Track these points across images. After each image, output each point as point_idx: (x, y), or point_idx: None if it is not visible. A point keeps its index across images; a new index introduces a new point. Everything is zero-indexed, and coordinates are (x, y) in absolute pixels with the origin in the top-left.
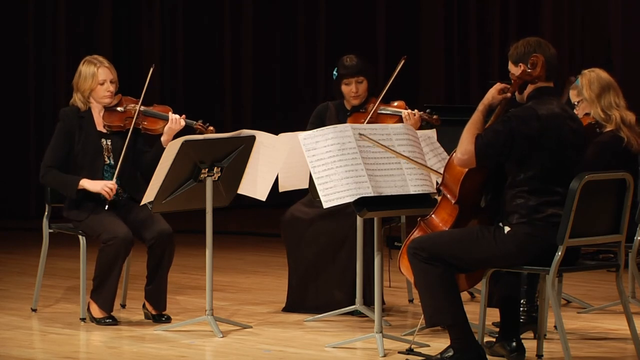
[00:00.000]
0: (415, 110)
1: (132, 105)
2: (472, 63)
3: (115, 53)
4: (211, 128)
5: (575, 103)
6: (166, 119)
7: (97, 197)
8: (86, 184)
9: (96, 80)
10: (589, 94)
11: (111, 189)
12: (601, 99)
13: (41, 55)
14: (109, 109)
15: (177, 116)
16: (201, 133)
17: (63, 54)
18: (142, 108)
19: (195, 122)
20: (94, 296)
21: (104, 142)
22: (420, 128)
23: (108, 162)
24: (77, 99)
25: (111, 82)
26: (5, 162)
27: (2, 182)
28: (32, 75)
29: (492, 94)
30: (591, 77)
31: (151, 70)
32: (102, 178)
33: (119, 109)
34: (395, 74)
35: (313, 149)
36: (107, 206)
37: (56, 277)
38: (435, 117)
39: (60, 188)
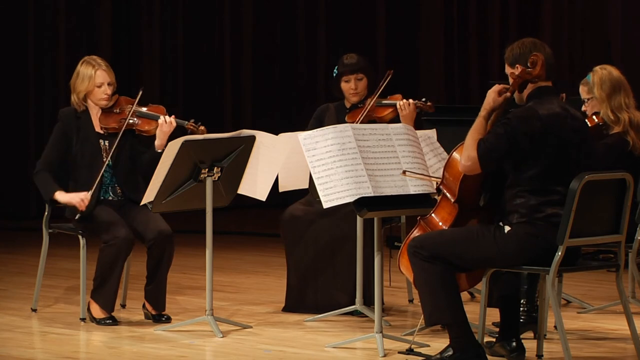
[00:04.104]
0: (410, 100)
1: (128, 106)
2: (472, 63)
3: (115, 53)
4: (202, 128)
5: (585, 100)
6: (157, 120)
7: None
8: (59, 196)
9: (93, 82)
10: (600, 93)
11: (83, 200)
12: (612, 99)
13: (41, 55)
14: (105, 111)
15: (168, 118)
16: (193, 133)
17: (63, 54)
18: (136, 109)
19: (186, 121)
20: (95, 296)
21: (102, 143)
22: (422, 124)
23: (107, 162)
24: (74, 99)
25: (108, 84)
26: (5, 163)
27: (2, 182)
28: (32, 75)
29: (493, 97)
30: (603, 76)
31: (139, 93)
32: (101, 178)
33: (115, 110)
34: (382, 87)
35: (313, 149)
36: (77, 216)
37: (56, 277)
38: (429, 104)
39: (41, 191)
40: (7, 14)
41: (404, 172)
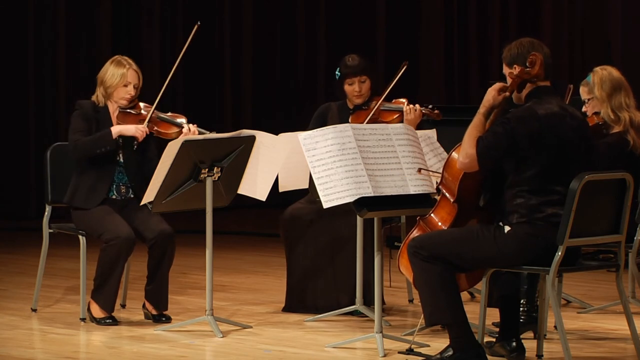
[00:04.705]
0: (417, 105)
1: (146, 107)
2: (472, 63)
3: (115, 53)
4: None
5: (586, 100)
6: (179, 126)
7: (104, 195)
8: (119, 129)
9: (123, 80)
10: (600, 93)
11: (142, 131)
12: (612, 99)
13: (41, 55)
14: (123, 111)
15: (192, 126)
16: None
17: (63, 54)
18: (157, 113)
19: (208, 132)
20: (95, 296)
21: (117, 140)
22: (421, 124)
23: (119, 159)
24: (98, 93)
25: (134, 86)
26: (5, 163)
27: (2, 182)
28: (32, 76)
29: (492, 94)
30: (603, 76)
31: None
32: (113, 175)
33: (133, 111)
34: (396, 79)
35: (313, 149)
36: (135, 145)
37: (56, 277)
38: (436, 111)
39: (95, 146)
40: (7, 14)
41: (419, 170)
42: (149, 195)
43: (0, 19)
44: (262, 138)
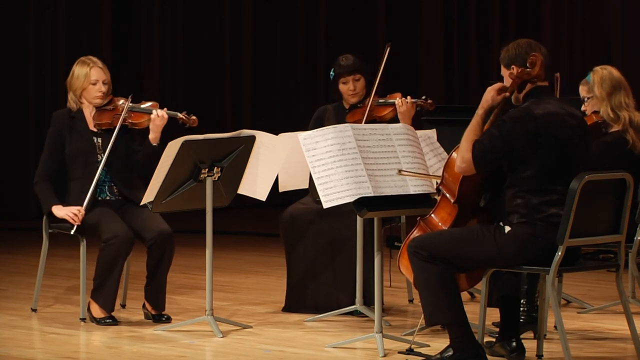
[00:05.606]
0: (409, 97)
1: (121, 102)
2: (472, 63)
3: (115, 53)
4: (194, 118)
5: (585, 99)
6: (150, 113)
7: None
8: (55, 211)
9: (88, 80)
10: (600, 92)
11: (76, 214)
12: (612, 98)
13: (41, 56)
14: (99, 109)
15: (160, 111)
16: (184, 124)
17: (63, 55)
18: (130, 105)
19: (178, 113)
20: (95, 296)
21: (96, 141)
22: (421, 124)
23: (100, 159)
24: (70, 99)
25: (103, 82)
26: (5, 163)
27: (2, 182)
28: (32, 76)
29: (492, 94)
30: (603, 75)
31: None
32: (94, 176)
33: (108, 107)
34: (384, 62)
35: (313, 149)
36: (72, 231)
37: (56, 277)
38: (429, 101)
39: (41, 202)
40: (7, 13)
41: (400, 171)
42: (149, 195)
43: (0, 19)
44: (262, 138)
